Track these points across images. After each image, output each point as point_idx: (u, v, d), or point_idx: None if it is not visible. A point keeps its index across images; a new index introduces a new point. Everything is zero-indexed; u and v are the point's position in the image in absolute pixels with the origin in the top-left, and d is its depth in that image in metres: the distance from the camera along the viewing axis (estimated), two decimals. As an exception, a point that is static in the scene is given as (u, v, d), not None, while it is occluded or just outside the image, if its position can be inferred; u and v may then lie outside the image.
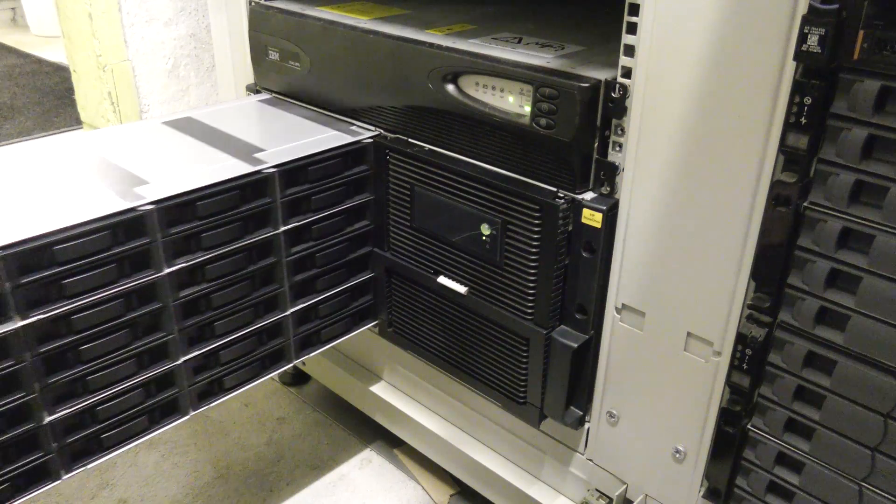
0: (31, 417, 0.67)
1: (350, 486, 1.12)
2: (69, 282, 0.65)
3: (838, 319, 0.58)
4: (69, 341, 0.67)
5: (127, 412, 0.74)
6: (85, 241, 0.65)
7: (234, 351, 0.81)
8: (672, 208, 0.66)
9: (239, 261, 0.78)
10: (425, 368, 0.99)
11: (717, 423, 0.70)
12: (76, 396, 0.70)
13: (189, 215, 0.72)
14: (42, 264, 0.63)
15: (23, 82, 3.08)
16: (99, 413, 0.71)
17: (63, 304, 0.65)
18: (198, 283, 0.75)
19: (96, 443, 0.73)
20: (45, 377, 0.67)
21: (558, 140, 0.70)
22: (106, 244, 0.66)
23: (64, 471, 0.71)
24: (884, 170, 0.53)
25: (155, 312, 0.73)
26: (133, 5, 1.33)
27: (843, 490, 0.61)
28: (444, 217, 0.82)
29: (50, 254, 0.63)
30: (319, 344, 0.91)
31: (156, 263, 0.71)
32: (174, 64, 1.42)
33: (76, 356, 0.68)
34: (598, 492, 0.84)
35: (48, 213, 0.66)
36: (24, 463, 0.68)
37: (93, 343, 0.69)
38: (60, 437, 0.70)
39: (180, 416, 0.79)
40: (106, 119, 1.40)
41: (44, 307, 0.64)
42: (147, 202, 0.69)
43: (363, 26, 0.88)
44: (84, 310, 0.67)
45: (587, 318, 0.76)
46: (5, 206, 0.67)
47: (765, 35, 0.55)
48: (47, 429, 0.68)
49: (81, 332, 0.67)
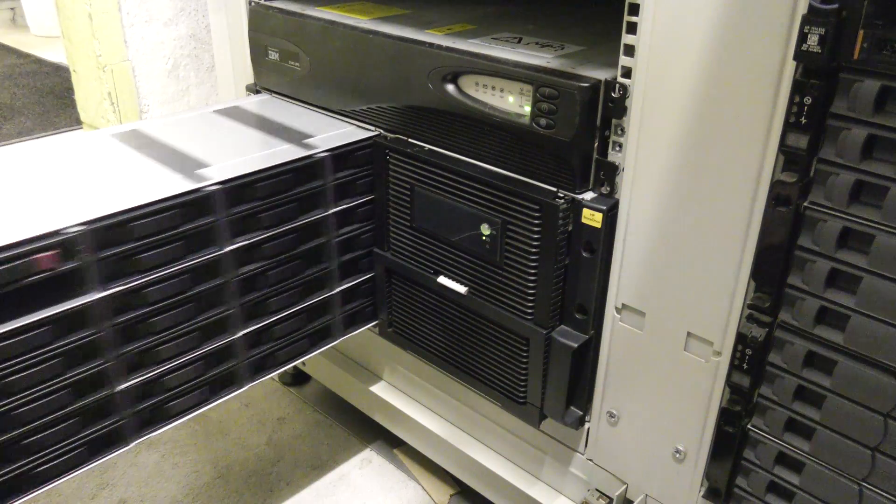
0: (106, 385, 0.71)
1: (350, 486, 1.12)
2: (143, 256, 0.69)
3: (838, 319, 0.58)
4: (142, 313, 0.71)
5: (190, 383, 0.78)
6: (159, 218, 0.69)
7: (286, 327, 0.86)
8: (672, 208, 0.66)
9: (292, 241, 0.83)
10: (425, 368, 0.99)
11: (717, 423, 0.70)
12: (146, 366, 0.74)
13: (249, 196, 0.77)
14: (120, 239, 0.68)
15: (23, 83, 3.08)
16: (165, 383, 0.76)
17: (137, 277, 0.70)
18: (255, 261, 0.80)
19: (162, 411, 0.77)
20: (120, 347, 0.71)
21: (558, 140, 0.70)
22: (176, 222, 0.71)
23: (133, 437, 0.75)
24: (884, 169, 0.53)
25: (217, 288, 0.77)
26: (133, 5, 1.33)
27: (844, 490, 0.61)
28: (444, 217, 0.82)
29: (127, 230, 0.68)
30: (355, 326, 0.96)
31: (219, 241, 0.75)
32: (174, 64, 1.42)
33: (147, 328, 0.72)
34: (599, 492, 0.84)
35: (123, 193, 0.70)
36: (99, 428, 0.72)
37: (162, 315, 0.73)
38: (131, 404, 0.74)
39: (236, 387, 0.83)
40: (106, 119, 1.40)
41: (120, 280, 0.69)
42: (212, 183, 0.73)
43: (363, 26, 0.88)
44: (156, 283, 0.71)
45: (587, 318, 0.76)
46: (82, 188, 0.71)
47: (765, 35, 0.55)
48: (120, 396, 0.72)
49: (153, 304, 0.72)
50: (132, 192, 0.70)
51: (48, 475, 0.70)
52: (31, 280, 0.63)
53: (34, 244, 0.62)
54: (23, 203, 0.69)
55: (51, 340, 0.65)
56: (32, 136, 2.52)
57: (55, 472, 0.70)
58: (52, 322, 0.65)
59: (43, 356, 0.65)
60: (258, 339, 0.83)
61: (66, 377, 0.68)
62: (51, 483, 0.70)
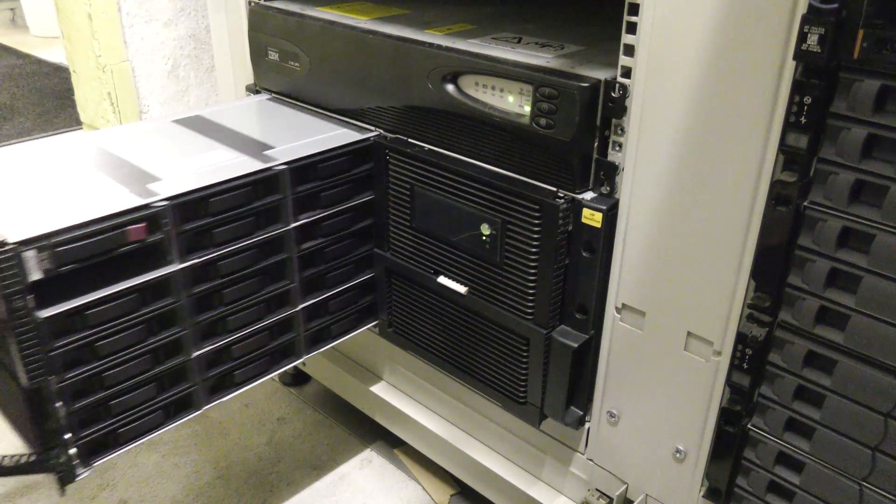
0: (182, 352, 0.76)
1: (350, 486, 1.12)
2: (218, 231, 0.74)
3: (838, 319, 0.58)
4: (214, 285, 0.76)
5: (255, 352, 0.83)
6: (234, 195, 0.74)
7: (341, 301, 0.91)
8: (672, 208, 0.66)
9: (347, 220, 0.88)
10: (425, 368, 0.99)
11: (717, 423, 0.70)
12: (216, 335, 0.78)
13: (311, 176, 0.82)
14: (198, 214, 0.72)
15: (22, 83, 3.08)
16: (233, 351, 0.80)
17: (212, 251, 0.74)
18: (315, 238, 0.85)
19: (229, 379, 0.81)
20: (194, 316, 0.75)
21: (558, 140, 0.70)
22: (248, 199, 0.76)
23: (203, 402, 0.79)
24: (884, 169, 0.53)
25: (280, 263, 0.82)
26: (132, 6, 1.33)
27: (844, 489, 0.61)
28: (444, 217, 0.82)
29: (205, 205, 0.72)
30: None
31: (284, 217, 0.80)
32: (174, 64, 1.42)
33: (219, 299, 0.77)
34: (599, 491, 0.84)
35: (200, 172, 0.75)
36: (175, 393, 0.76)
37: (233, 287, 0.78)
38: (203, 371, 0.78)
39: (294, 358, 0.88)
40: (106, 120, 1.40)
41: (197, 253, 0.73)
42: (280, 163, 0.78)
43: (363, 26, 0.88)
44: (229, 256, 0.76)
45: (587, 318, 0.76)
46: (162, 168, 0.76)
47: (765, 34, 0.55)
48: (194, 363, 0.77)
49: (224, 276, 0.76)
50: (209, 171, 0.76)
51: (128, 436, 0.74)
52: (123, 250, 0.67)
53: (127, 216, 0.67)
54: (109, 181, 0.74)
55: (136, 308, 0.70)
56: (32, 136, 2.52)
57: (134, 434, 0.74)
58: (138, 290, 0.69)
59: (129, 322, 0.70)
60: (316, 312, 0.88)
61: (147, 343, 0.72)
62: (130, 444, 0.74)
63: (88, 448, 0.71)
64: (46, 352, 0.64)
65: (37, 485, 1.12)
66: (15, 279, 0.60)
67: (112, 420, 0.72)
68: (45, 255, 0.61)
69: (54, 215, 0.64)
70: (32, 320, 0.62)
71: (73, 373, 0.67)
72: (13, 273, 0.60)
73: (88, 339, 0.67)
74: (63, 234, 0.62)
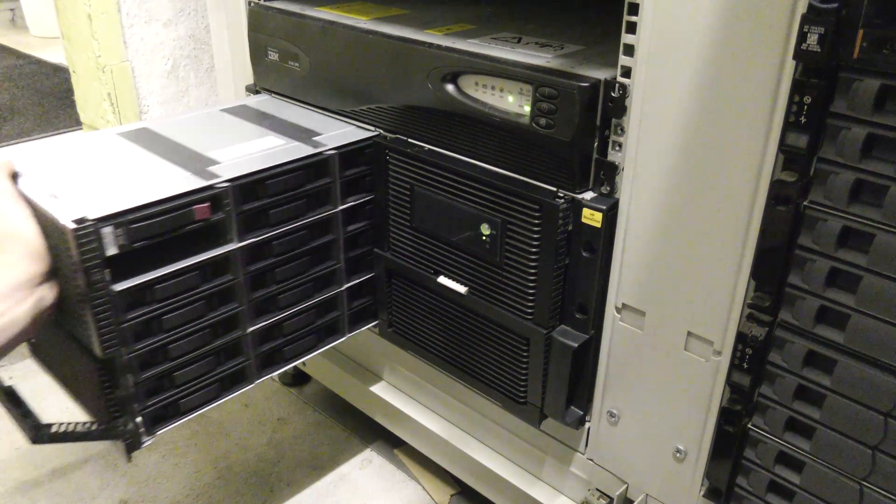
0: (238, 327, 0.79)
1: (351, 486, 1.12)
2: (274, 212, 0.78)
3: (838, 318, 0.58)
4: (269, 263, 0.80)
5: (304, 329, 0.87)
6: (288, 178, 0.78)
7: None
8: (672, 208, 0.66)
9: None
10: (425, 368, 0.99)
11: (717, 423, 0.70)
12: (269, 312, 0.82)
13: (357, 161, 0.86)
14: (256, 195, 0.76)
15: (22, 83, 3.08)
16: (284, 328, 0.84)
17: (268, 231, 0.78)
18: (358, 221, 0.89)
19: (279, 355, 0.86)
20: (250, 293, 0.79)
21: (558, 140, 0.70)
22: (301, 182, 0.80)
23: (255, 377, 0.83)
24: (884, 169, 0.53)
25: (328, 243, 0.86)
26: (132, 6, 1.33)
27: (844, 489, 0.61)
28: (444, 217, 0.82)
29: (263, 187, 0.77)
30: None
31: (332, 200, 0.85)
32: (173, 65, 1.42)
33: (272, 277, 0.81)
34: (599, 491, 0.84)
35: (256, 156, 0.80)
36: (230, 366, 0.80)
37: (285, 266, 0.82)
38: (256, 346, 0.82)
39: (339, 336, 0.92)
40: (106, 120, 1.40)
41: (254, 233, 0.77)
42: (330, 148, 0.83)
43: (362, 26, 0.88)
44: (282, 236, 0.80)
45: (587, 318, 0.76)
46: (219, 152, 0.81)
47: (764, 34, 0.55)
48: (248, 338, 0.81)
49: (278, 255, 0.80)
50: (263, 155, 0.80)
51: (188, 406, 0.78)
52: (188, 228, 0.71)
53: (193, 196, 0.71)
54: (170, 165, 0.77)
55: (198, 284, 0.74)
56: (32, 137, 2.52)
57: (193, 404, 0.78)
58: (200, 267, 0.73)
59: (191, 298, 0.73)
60: (358, 292, 0.93)
61: (207, 318, 0.76)
62: (189, 414, 0.78)
63: (153, 417, 0.75)
64: (119, 324, 0.68)
65: (37, 484, 1.12)
66: (94, 253, 0.64)
67: (174, 391, 0.76)
68: (121, 231, 0.65)
69: (126, 195, 0.68)
70: (108, 293, 0.66)
71: (142, 344, 0.71)
72: (93, 248, 0.63)
73: (155, 312, 0.71)
74: (137, 211, 0.67)
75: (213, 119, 0.94)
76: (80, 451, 1.18)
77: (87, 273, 0.63)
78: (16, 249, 0.62)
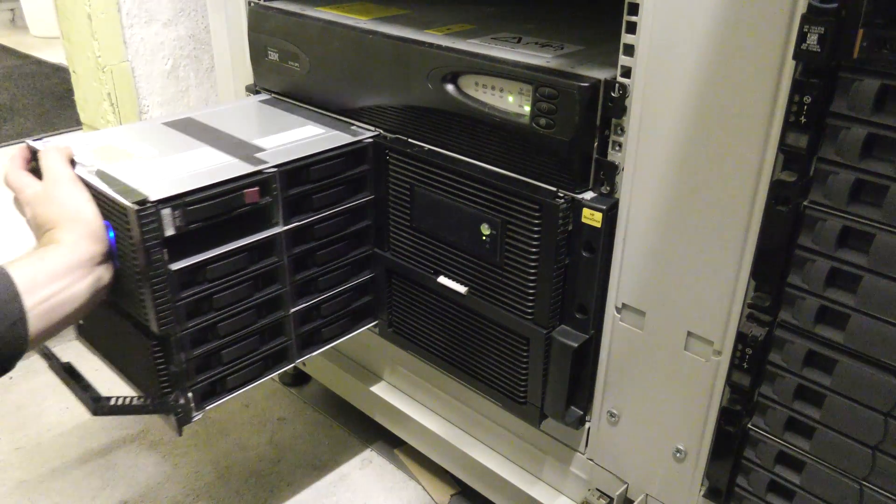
0: (281, 307, 0.83)
1: (351, 486, 1.12)
2: (317, 197, 0.82)
3: (838, 318, 0.58)
4: (311, 246, 0.83)
5: (340, 311, 0.91)
6: (330, 165, 0.82)
7: None
8: (672, 208, 0.66)
9: None
10: (426, 369, 0.99)
11: (717, 423, 0.70)
12: (309, 294, 0.86)
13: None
14: (300, 181, 0.80)
15: (22, 84, 3.08)
16: (322, 310, 0.88)
17: (311, 215, 0.82)
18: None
19: (318, 335, 0.90)
20: (292, 275, 0.82)
21: (558, 140, 0.70)
22: (341, 168, 0.84)
23: (295, 356, 0.87)
24: (883, 168, 0.53)
25: (364, 229, 0.90)
26: (132, 6, 1.33)
27: (844, 489, 0.61)
28: (444, 217, 0.82)
29: (307, 172, 0.80)
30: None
31: (368, 187, 0.88)
32: (173, 65, 1.42)
33: (313, 260, 0.85)
34: (599, 491, 0.84)
35: (298, 144, 0.83)
36: (274, 345, 0.84)
37: (325, 250, 0.86)
38: (297, 326, 0.86)
39: (371, 319, 0.96)
40: (106, 120, 1.40)
41: (298, 217, 0.81)
42: (368, 136, 0.87)
43: (362, 26, 0.88)
44: (323, 221, 0.84)
45: (587, 318, 0.76)
46: (263, 140, 0.84)
47: (764, 34, 0.55)
48: (290, 318, 0.84)
49: (319, 239, 0.84)
50: (306, 143, 0.84)
51: (234, 383, 0.81)
52: (238, 211, 0.74)
53: (244, 180, 0.74)
54: (218, 152, 0.81)
55: (246, 265, 0.77)
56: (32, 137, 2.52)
57: (239, 381, 0.82)
58: (248, 249, 0.77)
59: (240, 278, 0.77)
60: None
61: (254, 298, 0.79)
62: (235, 391, 0.81)
63: (202, 393, 0.79)
64: (174, 301, 0.72)
65: (37, 483, 1.12)
66: (154, 233, 0.68)
67: (222, 368, 0.79)
68: (179, 213, 0.69)
69: (181, 179, 0.72)
70: (166, 272, 0.70)
71: (193, 322, 0.75)
72: (153, 228, 0.67)
73: (207, 291, 0.74)
74: (194, 194, 0.70)
75: (252, 109, 0.98)
76: (80, 451, 1.19)
77: (147, 252, 0.67)
78: (77, 230, 0.66)
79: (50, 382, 0.85)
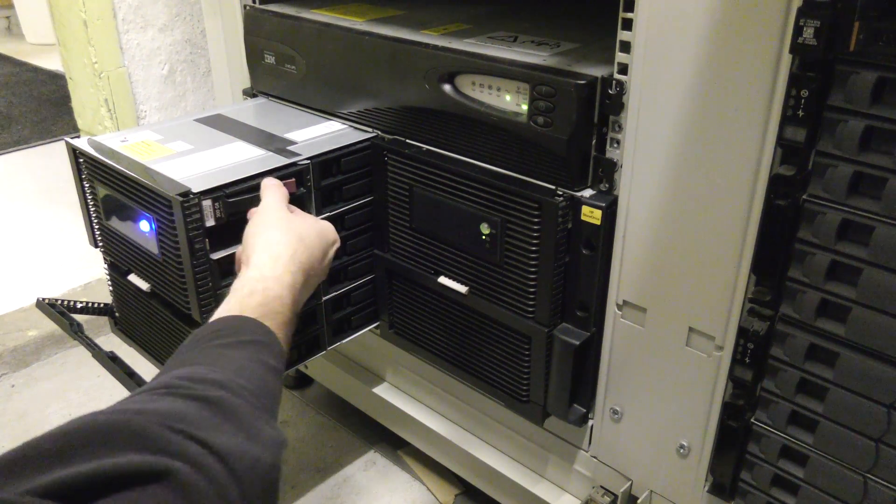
0: (315, 296, 0.85)
1: (355, 488, 1.12)
2: (347, 187, 0.85)
3: (839, 311, 0.58)
4: (342, 236, 0.82)
5: (368, 300, 0.94)
6: (359, 157, 0.85)
7: None
8: (671, 204, 0.66)
9: None
10: (428, 369, 0.99)
11: (720, 418, 0.70)
12: (340, 283, 0.88)
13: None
14: (331, 172, 0.83)
15: (19, 91, 3.08)
16: (352, 298, 0.91)
17: (342, 205, 0.85)
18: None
19: (348, 323, 0.92)
20: None
21: (556, 138, 0.70)
22: (367, 161, 0.87)
23: (328, 343, 0.89)
24: (882, 161, 0.53)
25: None
26: (128, 12, 1.33)
27: (848, 482, 0.61)
28: (444, 217, 0.82)
29: (338, 164, 0.83)
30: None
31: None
32: (170, 69, 1.42)
33: (343, 248, 0.87)
34: (603, 489, 0.84)
35: (326, 138, 0.87)
36: (309, 333, 0.86)
37: (355, 239, 0.88)
38: (330, 314, 0.88)
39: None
40: (103, 126, 1.40)
41: (330, 207, 0.84)
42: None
43: (358, 28, 0.88)
44: (353, 211, 0.87)
45: (589, 316, 0.76)
46: (293, 134, 0.88)
47: (760, 28, 0.55)
48: (324, 306, 0.87)
49: (350, 228, 0.87)
50: (332, 137, 0.88)
51: None
52: None
53: (281, 172, 0.77)
54: (251, 147, 0.84)
55: None
56: (30, 144, 2.52)
57: None
58: None
59: None
60: None
61: None
62: None
63: None
64: (215, 290, 0.74)
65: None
66: (197, 224, 0.70)
67: None
68: (219, 204, 0.72)
69: (220, 172, 0.75)
70: (207, 261, 0.72)
71: None
72: (196, 218, 0.70)
73: None
74: (233, 186, 0.73)
75: (271, 107, 1.01)
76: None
77: (190, 242, 0.70)
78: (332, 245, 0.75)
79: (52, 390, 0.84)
